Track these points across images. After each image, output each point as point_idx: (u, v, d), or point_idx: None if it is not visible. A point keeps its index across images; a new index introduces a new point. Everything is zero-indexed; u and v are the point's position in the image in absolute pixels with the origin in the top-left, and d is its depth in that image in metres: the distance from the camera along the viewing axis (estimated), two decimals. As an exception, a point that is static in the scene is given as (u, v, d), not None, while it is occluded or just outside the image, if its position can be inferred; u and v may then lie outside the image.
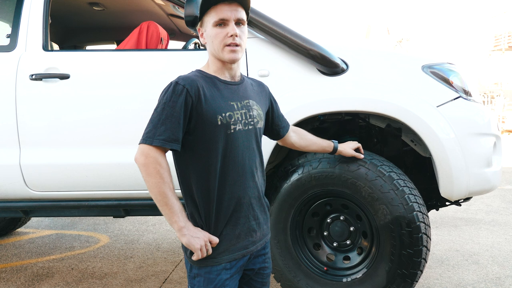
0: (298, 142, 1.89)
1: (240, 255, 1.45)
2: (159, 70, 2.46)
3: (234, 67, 1.49)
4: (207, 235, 1.39)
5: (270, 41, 2.37)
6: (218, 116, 1.40)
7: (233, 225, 1.44)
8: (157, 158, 1.34)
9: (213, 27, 1.43)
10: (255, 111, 1.51)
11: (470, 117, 2.30)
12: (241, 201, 1.45)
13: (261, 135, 1.57)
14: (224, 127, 1.41)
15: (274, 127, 1.75)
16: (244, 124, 1.46)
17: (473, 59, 28.85)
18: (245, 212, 1.46)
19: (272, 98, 1.72)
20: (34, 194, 2.55)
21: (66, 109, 2.46)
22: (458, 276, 3.09)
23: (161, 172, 1.34)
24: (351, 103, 2.30)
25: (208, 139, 1.41)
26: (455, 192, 2.27)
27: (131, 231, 4.53)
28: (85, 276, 3.22)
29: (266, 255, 1.57)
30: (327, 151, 2.01)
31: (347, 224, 2.39)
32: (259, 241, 1.52)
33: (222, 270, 1.41)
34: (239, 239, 1.45)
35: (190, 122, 1.40)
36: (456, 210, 5.18)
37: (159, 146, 1.35)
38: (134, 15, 3.61)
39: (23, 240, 4.29)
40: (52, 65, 2.47)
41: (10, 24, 2.65)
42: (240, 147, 1.44)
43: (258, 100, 1.57)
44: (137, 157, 1.36)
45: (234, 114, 1.43)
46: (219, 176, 1.42)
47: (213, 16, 1.42)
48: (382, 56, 2.46)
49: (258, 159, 1.53)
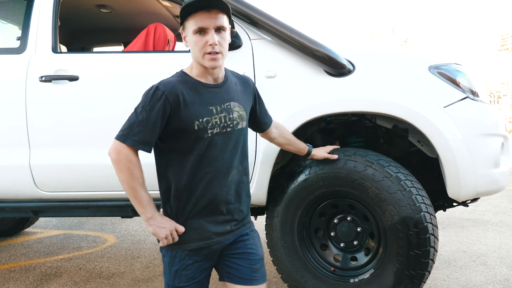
0: (277, 138, 1.99)
1: (204, 244, 1.54)
2: (166, 71, 2.46)
3: (216, 71, 1.55)
4: (174, 224, 1.52)
5: (277, 43, 2.38)
6: (195, 122, 1.48)
7: (201, 218, 1.54)
8: (128, 155, 1.45)
9: (193, 34, 1.48)
10: (236, 113, 1.58)
11: (477, 118, 2.30)
12: (212, 198, 1.54)
13: (244, 134, 1.64)
14: (201, 131, 1.49)
15: (257, 121, 1.83)
16: (222, 127, 1.53)
17: (479, 59, 28.68)
18: (215, 208, 1.55)
19: (257, 94, 1.78)
20: (44, 194, 2.58)
21: (75, 110, 2.49)
22: (465, 277, 3.09)
23: (131, 169, 1.45)
24: (357, 104, 2.30)
25: (184, 142, 1.50)
26: (462, 193, 2.26)
27: (138, 231, 4.56)
28: (93, 275, 3.24)
29: (247, 241, 1.64)
30: (302, 154, 2.12)
31: (354, 225, 2.40)
32: (229, 233, 1.60)
33: (186, 256, 1.54)
34: (204, 231, 1.54)
35: (168, 125, 1.48)
36: (463, 211, 5.16)
37: (131, 146, 1.45)
38: (141, 17, 3.63)
39: (31, 240, 4.33)
40: (61, 67, 2.50)
41: (20, 26, 2.68)
42: (216, 149, 1.53)
43: (241, 99, 1.63)
44: (110, 151, 1.47)
45: (212, 119, 1.51)
46: (193, 175, 1.52)
47: (192, 24, 1.47)
48: (388, 57, 2.47)
49: (237, 158, 1.60)
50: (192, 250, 1.54)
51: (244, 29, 2.45)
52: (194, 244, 1.54)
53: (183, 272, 1.54)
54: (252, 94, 1.73)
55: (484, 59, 29.07)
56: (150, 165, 1.62)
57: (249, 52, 2.41)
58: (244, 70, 2.36)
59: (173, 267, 1.55)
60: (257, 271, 1.63)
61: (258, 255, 1.66)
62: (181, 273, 1.54)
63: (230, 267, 1.62)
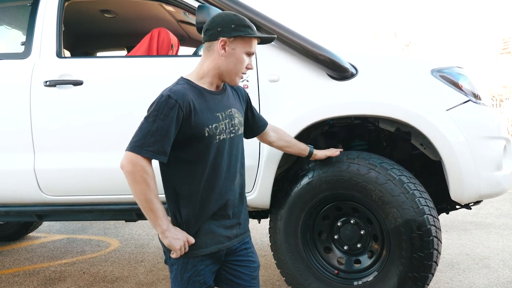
0: (277, 142, 2.01)
1: (215, 249, 1.56)
2: (170, 76, 2.47)
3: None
4: (185, 235, 1.50)
5: (280, 47, 2.40)
6: (205, 128, 1.49)
7: (211, 223, 1.56)
8: (144, 167, 1.42)
9: (243, 54, 1.55)
10: (236, 119, 1.62)
11: (480, 121, 2.31)
12: (222, 203, 1.56)
13: (242, 139, 1.68)
14: (211, 138, 1.51)
15: (253, 125, 1.86)
16: (228, 133, 1.56)
17: (481, 63, 28.65)
18: (224, 212, 1.58)
19: (249, 99, 1.82)
20: (48, 198, 2.59)
21: (79, 115, 2.50)
22: (468, 280, 3.08)
23: (147, 180, 1.43)
24: (360, 107, 2.32)
25: (195, 149, 1.51)
26: (465, 196, 2.27)
27: (141, 235, 4.56)
28: (97, 280, 3.25)
29: (249, 249, 1.68)
30: (303, 155, 2.12)
31: (357, 228, 2.40)
32: (236, 237, 1.62)
33: (198, 262, 1.54)
34: (215, 235, 1.56)
35: (179, 133, 1.47)
36: (466, 214, 5.15)
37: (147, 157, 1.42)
38: (145, 21, 3.65)
39: (35, 244, 4.34)
40: (66, 72, 2.51)
41: (24, 32, 2.70)
42: (224, 155, 1.55)
43: (238, 106, 1.68)
44: (124, 164, 1.43)
45: (220, 125, 1.53)
46: (204, 182, 1.52)
47: (249, 46, 1.56)
48: (391, 60, 2.48)
49: (239, 163, 1.64)
50: (204, 256, 1.54)
51: (247, 33, 2.46)
52: (208, 249, 1.54)
53: (196, 278, 1.54)
54: (244, 100, 1.77)
55: (486, 62, 29.04)
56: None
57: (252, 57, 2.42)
58: (247, 75, 2.37)
59: (186, 274, 1.54)
60: (255, 278, 1.68)
61: (257, 262, 1.71)
62: (194, 279, 1.54)
63: (232, 274, 1.64)
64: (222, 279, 1.66)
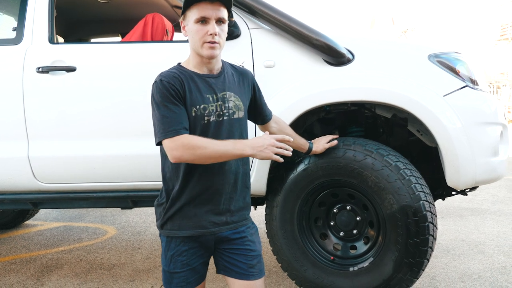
0: (277, 134, 1.96)
1: (197, 233, 1.57)
2: (164, 61, 2.45)
3: (213, 61, 1.57)
4: (269, 139, 1.49)
5: (276, 32, 2.37)
6: (193, 109, 1.51)
7: (194, 206, 1.56)
8: (182, 141, 1.45)
9: (194, 23, 1.51)
10: (232, 102, 1.60)
11: (476, 106, 2.29)
12: (208, 185, 1.56)
13: (241, 124, 1.64)
14: (197, 118, 1.52)
15: (256, 114, 1.84)
16: (218, 115, 1.55)
17: (479, 49, 28.57)
18: (211, 196, 1.57)
19: (256, 86, 1.79)
20: (43, 186, 2.57)
21: (73, 101, 2.47)
22: (464, 265, 3.10)
23: (196, 145, 1.44)
24: (357, 93, 2.30)
25: None
26: (461, 182, 2.27)
27: (138, 222, 4.57)
28: (94, 267, 3.25)
29: (245, 238, 1.65)
30: (302, 150, 2.13)
31: (353, 214, 2.40)
32: (226, 225, 1.61)
33: (181, 242, 1.57)
34: (199, 220, 1.56)
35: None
36: (461, 200, 5.18)
37: (176, 136, 1.45)
38: (139, 7, 3.60)
39: (31, 232, 4.34)
40: (59, 58, 2.48)
41: (16, 17, 2.65)
42: (210, 137, 1.53)
43: (237, 90, 1.65)
44: (173, 155, 1.46)
45: (209, 106, 1.54)
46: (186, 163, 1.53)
47: (195, 13, 1.50)
48: (388, 46, 2.46)
49: None
50: (187, 237, 1.57)
51: (242, 18, 2.43)
52: (188, 232, 1.57)
53: (178, 257, 1.58)
54: (250, 86, 1.74)
55: (484, 49, 28.98)
56: (156, 156, 1.65)
57: (247, 42, 2.39)
58: (243, 60, 2.35)
59: (169, 252, 1.59)
60: (253, 266, 1.64)
61: (256, 251, 1.66)
62: (176, 259, 1.58)
63: (227, 262, 1.64)
64: (220, 266, 1.67)
